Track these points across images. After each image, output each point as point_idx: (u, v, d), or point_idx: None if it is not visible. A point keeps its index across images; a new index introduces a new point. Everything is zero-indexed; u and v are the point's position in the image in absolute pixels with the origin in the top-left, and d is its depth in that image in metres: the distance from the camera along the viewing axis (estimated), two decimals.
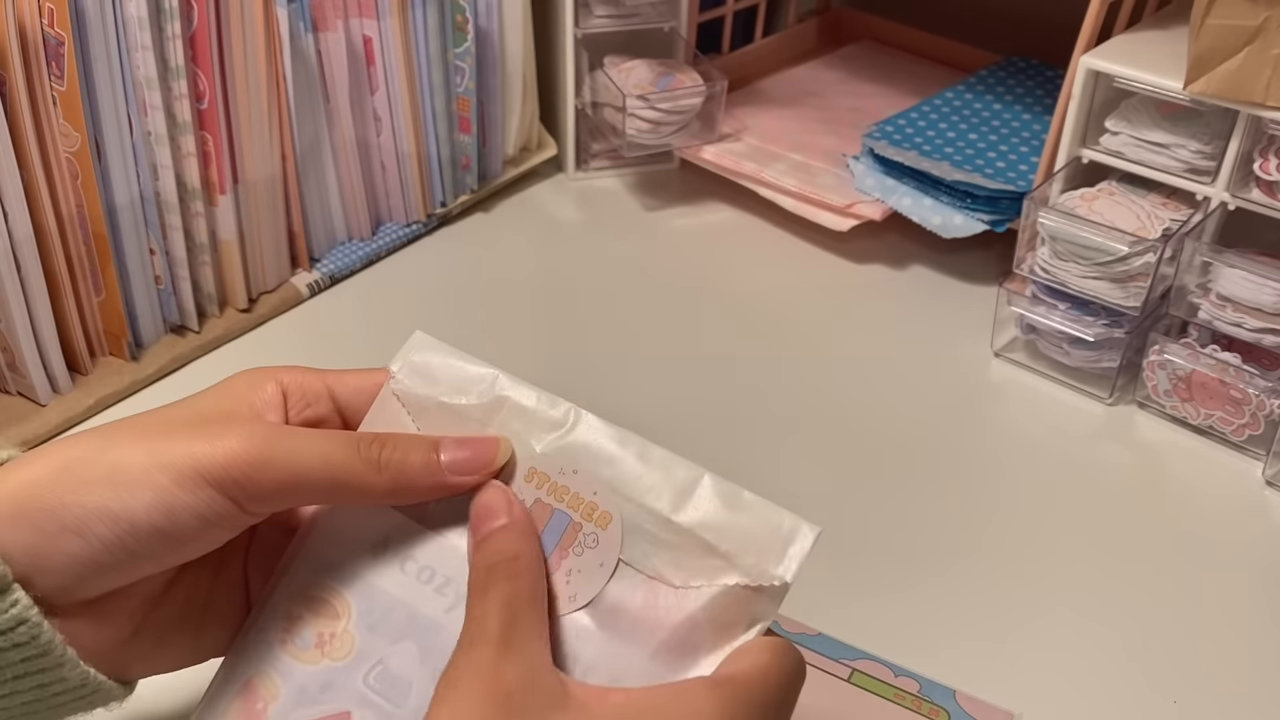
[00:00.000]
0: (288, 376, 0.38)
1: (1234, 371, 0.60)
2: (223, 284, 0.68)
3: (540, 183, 0.86)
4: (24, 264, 0.58)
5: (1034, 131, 0.80)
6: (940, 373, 0.67)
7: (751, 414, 0.64)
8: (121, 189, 0.61)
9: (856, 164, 0.78)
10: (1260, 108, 0.56)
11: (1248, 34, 0.55)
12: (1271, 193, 0.58)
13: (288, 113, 0.67)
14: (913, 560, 0.55)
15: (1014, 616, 0.52)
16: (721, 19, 0.91)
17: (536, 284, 0.75)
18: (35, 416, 0.60)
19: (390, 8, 0.69)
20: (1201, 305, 0.60)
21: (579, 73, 0.82)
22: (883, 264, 0.77)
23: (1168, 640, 0.51)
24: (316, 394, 0.39)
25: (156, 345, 0.66)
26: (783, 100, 0.90)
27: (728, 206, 0.83)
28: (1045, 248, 0.63)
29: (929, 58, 0.96)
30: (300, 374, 0.39)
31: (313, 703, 0.36)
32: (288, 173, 0.69)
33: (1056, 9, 0.68)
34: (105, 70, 0.58)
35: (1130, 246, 0.59)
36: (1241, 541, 0.57)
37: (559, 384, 0.63)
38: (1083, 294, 0.62)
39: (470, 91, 0.76)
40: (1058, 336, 0.65)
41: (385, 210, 0.77)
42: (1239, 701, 0.49)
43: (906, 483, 0.60)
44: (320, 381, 0.39)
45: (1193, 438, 0.63)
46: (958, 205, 0.72)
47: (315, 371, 0.39)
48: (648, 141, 0.80)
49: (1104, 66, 0.61)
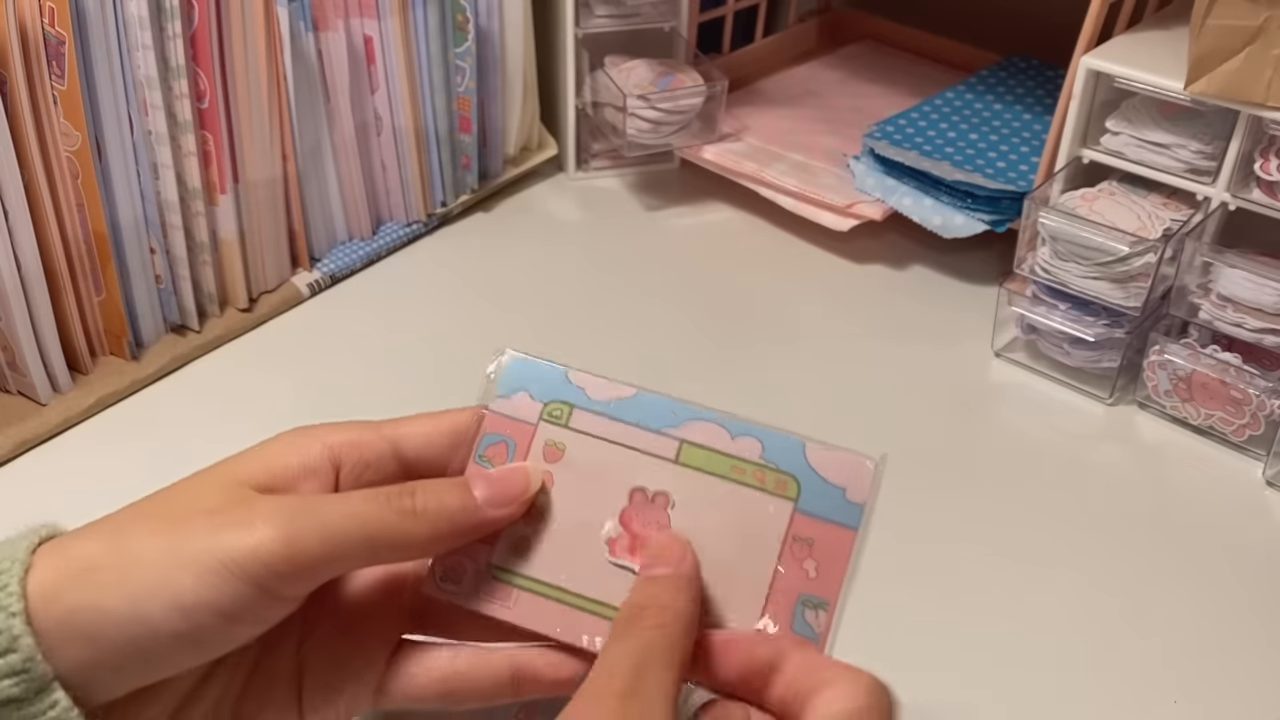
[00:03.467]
0: (338, 436, 0.35)
1: (1234, 372, 0.60)
2: (223, 283, 0.68)
3: (541, 182, 0.86)
4: (24, 263, 0.58)
5: (1034, 131, 0.80)
6: (940, 373, 0.67)
7: (750, 413, 0.64)
8: (122, 188, 0.61)
9: (857, 164, 0.78)
10: (1261, 108, 0.56)
11: (1248, 34, 0.55)
12: (1272, 193, 0.58)
13: (288, 112, 0.67)
14: (912, 560, 0.55)
15: (1013, 616, 0.52)
16: (722, 19, 0.91)
17: (537, 284, 0.75)
18: (35, 416, 0.60)
19: (391, 7, 0.69)
20: (1202, 305, 0.60)
21: (579, 72, 0.82)
22: (883, 264, 0.77)
23: (1168, 640, 0.51)
24: (377, 454, 0.35)
25: (157, 345, 0.66)
26: (783, 100, 0.90)
27: (728, 206, 0.83)
28: (1046, 248, 0.63)
29: (929, 58, 0.96)
30: (354, 431, 0.35)
31: None
32: (288, 172, 0.69)
33: (1056, 9, 0.68)
34: (106, 69, 0.58)
35: (1130, 246, 0.59)
36: (1242, 541, 0.57)
37: None
38: (1083, 294, 0.62)
39: (471, 91, 0.76)
40: (1058, 336, 0.65)
41: (386, 210, 0.77)
42: (1239, 701, 0.49)
43: (906, 483, 0.60)
44: (379, 437, 0.36)
45: (1193, 438, 0.63)
46: (958, 205, 0.72)
47: (372, 425, 0.36)
48: (648, 141, 0.80)
49: (1105, 66, 0.61)
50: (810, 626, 0.34)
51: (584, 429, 0.38)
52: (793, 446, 0.37)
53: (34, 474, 0.58)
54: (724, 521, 0.36)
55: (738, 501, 0.36)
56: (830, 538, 0.36)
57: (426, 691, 0.37)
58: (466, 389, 0.68)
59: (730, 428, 0.38)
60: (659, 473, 0.37)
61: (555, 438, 0.38)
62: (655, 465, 0.37)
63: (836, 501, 0.36)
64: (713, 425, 0.38)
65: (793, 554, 0.35)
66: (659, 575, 0.34)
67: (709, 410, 0.38)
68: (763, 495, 0.36)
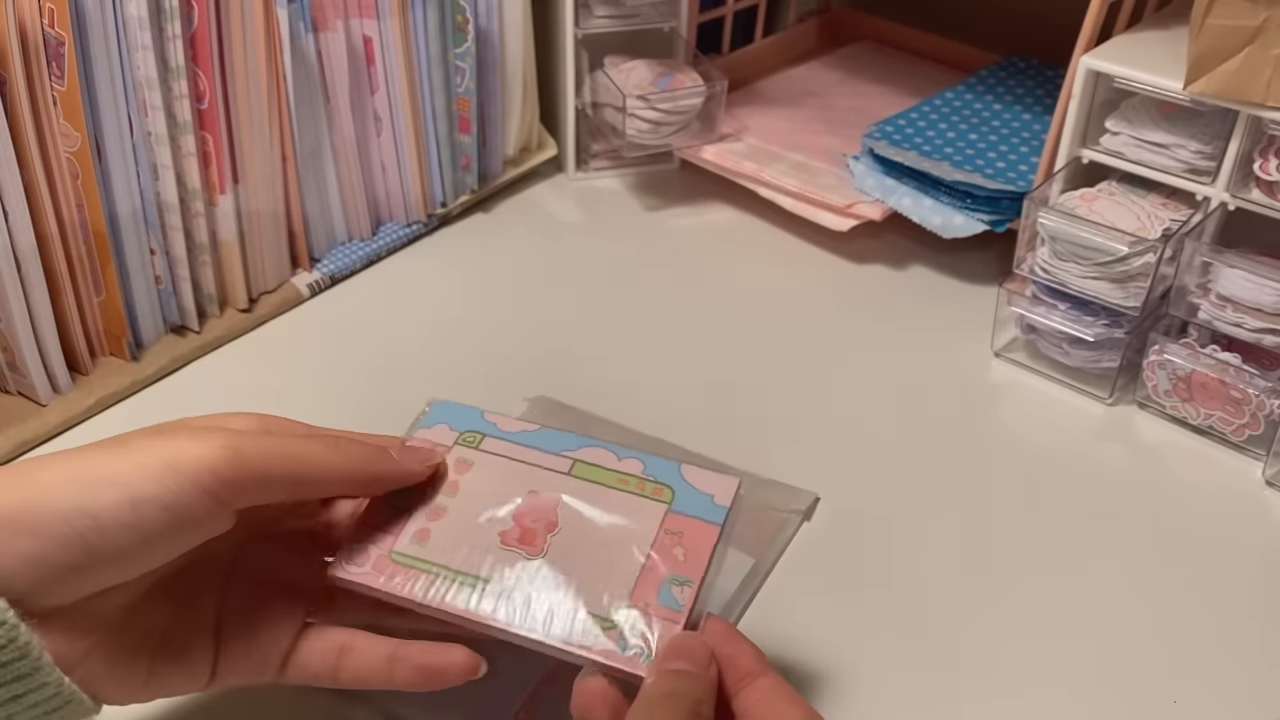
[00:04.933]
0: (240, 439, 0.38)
1: (1234, 372, 0.60)
2: (223, 284, 0.68)
3: (540, 183, 0.86)
4: (24, 264, 0.58)
5: (1034, 132, 0.80)
6: (940, 373, 0.67)
7: (751, 413, 0.64)
8: (122, 189, 0.61)
9: (856, 164, 0.78)
10: (1260, 108, 0.56)
11: (1248, 34, 0.55)
12: (1271, 193, 0.58)
13: (288, 113, 0.67)
14: (912, 559, 0.55)
15: (1011, 616, 0.52)
16: (721, 19, 0.91)
17: (537, 284, 0.75)
18: (35, 416, 0.60)
19: (390, 8, 0.69)
20: (1201, 305, 0.60)
21: (579, 73, 0.82)
22: (883, 264, 0.77)
23: (1167, 640, 0.51)
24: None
25: (157, 345, 0.66)
26: (783, 100, 0.90)
27: (728, 206, 0.83)
28: (1045, 248, 0.63)
29: (929, 58, 0.96)
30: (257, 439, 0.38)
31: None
32: (288, 173, 0.69)
33: (1056, 9, 0.68)
34: (105, 70, 0.58)
35: (1130, 246, 0.59)
36: (1241, 542, 0.57)
37: (559, 384, 0.63)
38: (1083, 294, 0.62)
39: (470, 92, 0.76)
40: (1058, 336, 0.65)
41: (385, 210, 0.77)
42: (1239, 701, 0.49)
43: (905, 482, 0.60)
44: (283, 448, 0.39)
45: (1193, 438, 0.63)
46: (958, 205, 0.72)
47: (277, 437, 0.39)
48: (648, 142, 0.80)
49: (1104, 67, 0.61)
50: (675, 599, 0.39)
51: (491, 450, 0.44)
52: (670, 466, 0.43)
53: None
54: (605, 515, 0.42)
55: (619, 501, 0.42)
56: (697, 531, 0.41)
57: (322, 670, 0.40)
58: (467, 389, 0.68)
59: (617, 452, 0.44)
60: (552, 481, 0.43)
61: (465, 456, 0.44)
62: (550, 476, 0.43)
63: (705, 505, 0.42)
64: (603, 450, 0.44)
65: (664, 543, 0.41)
66: (690, 670, 0.36)
67: (601, 440, 0.44)
68: (641, 499, 0.42)
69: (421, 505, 0.42)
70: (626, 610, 0.39)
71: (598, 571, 0.40)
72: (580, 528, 0.41)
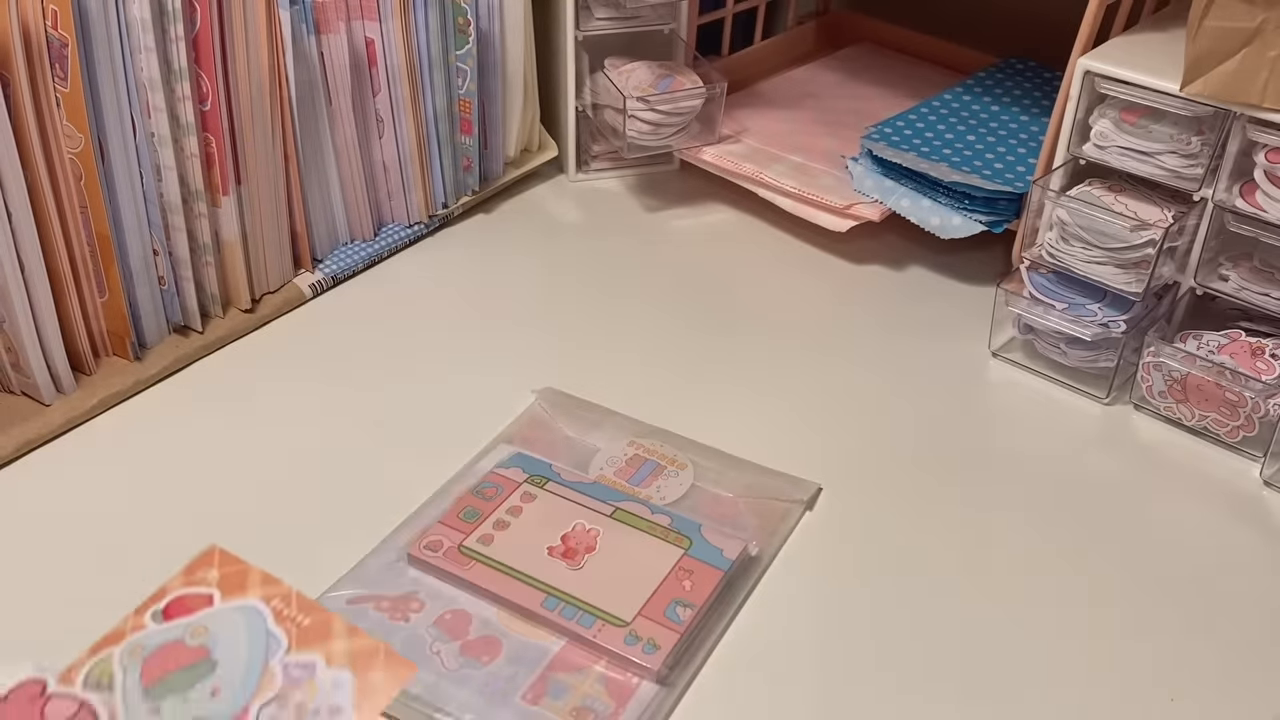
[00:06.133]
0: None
1: (1229, 375, 0.60)
2: (226, 284, 0.69)
3: (541, 184, 0.86)
4: (28, 264, 0.58)
5: (1032, 133, 0.80)
6: (938, 372, 0.68)
7: (750, 413, 0.64)
8: (125, 190, 0.61)
9: (855, 165, 0.78)
10: (1256, 109, 0.56)
11: (1245, 36, 0.55)
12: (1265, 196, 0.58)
13: (290, 114, 0.67)
14: (911, 559, 0.55)
15: (1010, 615, 0.52)
16: (721, 21, 0.91)
17: (537, 284, 0.75)
18: (39, 416, 0.60)
19: (392, 10, 0.70)
20: (1230, 276, 0.60)
21: (579, 75, 0.82)
22: (881, 264, 0.78)
23: (1165, 638, 0.52)
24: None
25: (160, 345, 0.66)
26: (782, 102, 0.90)
27: (728, 207, 0.83)
28: (1052, 232, 0.63)
29: (927, 60, 0.96)
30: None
31: None
32: (290, 174, 0.69)
33: (1054, 11, 0.69)
34: (108, 72, 0.58)
35: (1145, 234, 0.59)
36: (1240, 542, 0.57)
37: (559, 384, 0.64)
38: (1087, 278, 0.62)
39: (471, 93, 0.77)
40: (1055, 337, 0.66)
41: (387, 211, 0.77)
42: (1237, 700, 0.49)
43: (904, 481, 0.60)
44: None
45: (1188, 438, 0.63)
46: (956, 206, 0.73)
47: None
48: (648, 143, 0.80)
49: (1101, 68, 0.61)
50: (678, 616, 0.50)
51: (553, 491, 0.56)
52: (693, 524, 0.55)
53: (37, 474, 0.58)
54: (634, 549, 0.53)
55: (647, 543, 0.54)
56: (705, 573, 0.52)
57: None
58: (467, 389, 0.69)
59: (652, 508, 0.56)
60: (597, 520, 0.55)
61: (531, 491, 0.56)
62: (596, 516, 0.55)
63: (715, 555, 0.53)
64: (641, 505, 0.56)
65: (677, 576, 0.52)
66: None
67: (639, 499, 0.56)
68: (665, 543, 0.54)
69: (489, 520, 0.54)
70: (639, 616, 0.49)
71: (621, 586, 0.51)
72: (613, 554, 0.53)
